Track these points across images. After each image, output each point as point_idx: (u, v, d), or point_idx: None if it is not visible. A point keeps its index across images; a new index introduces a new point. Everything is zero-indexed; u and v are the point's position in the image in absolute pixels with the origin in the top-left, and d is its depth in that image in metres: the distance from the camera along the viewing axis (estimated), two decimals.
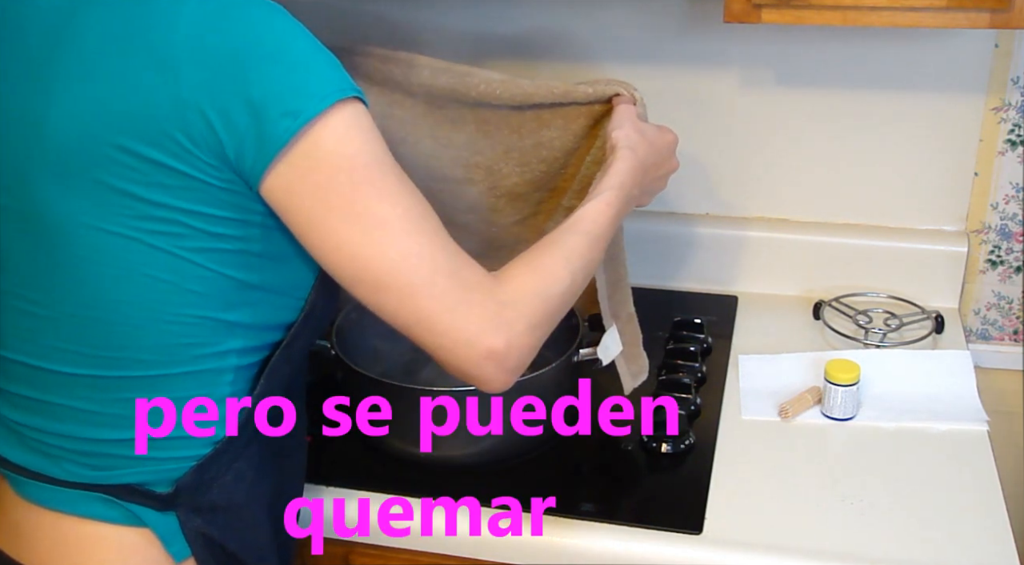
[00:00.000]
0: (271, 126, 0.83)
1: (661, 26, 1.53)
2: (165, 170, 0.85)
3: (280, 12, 0.87)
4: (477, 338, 0.89)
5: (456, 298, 0.89)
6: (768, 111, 1.55)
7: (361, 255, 0.87)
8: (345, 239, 0.87)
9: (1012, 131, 1.48)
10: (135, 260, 0.89)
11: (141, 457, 0.95)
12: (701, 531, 1.12)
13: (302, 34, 0.87)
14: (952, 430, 1.27)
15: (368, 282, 0.88)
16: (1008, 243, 1.55)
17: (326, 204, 0.86)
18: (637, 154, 1.10)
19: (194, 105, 0.83)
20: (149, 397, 0.93)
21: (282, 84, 0.84)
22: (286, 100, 0.83)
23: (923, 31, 1.45)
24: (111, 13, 0.87)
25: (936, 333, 1.48)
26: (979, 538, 1.10)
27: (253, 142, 0.84)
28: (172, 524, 0.96)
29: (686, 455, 1.25)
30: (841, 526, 1.12)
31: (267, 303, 0.96)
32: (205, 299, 0.92)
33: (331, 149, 0.85)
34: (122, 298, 0.90)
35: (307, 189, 0.85)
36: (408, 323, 0.90)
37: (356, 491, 1.19)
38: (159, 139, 0.84)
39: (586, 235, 1.01)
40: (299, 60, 0.85)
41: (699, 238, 1.62)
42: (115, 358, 0.92)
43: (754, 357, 1.43)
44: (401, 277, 0.88)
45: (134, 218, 0.87)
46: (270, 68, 0.84)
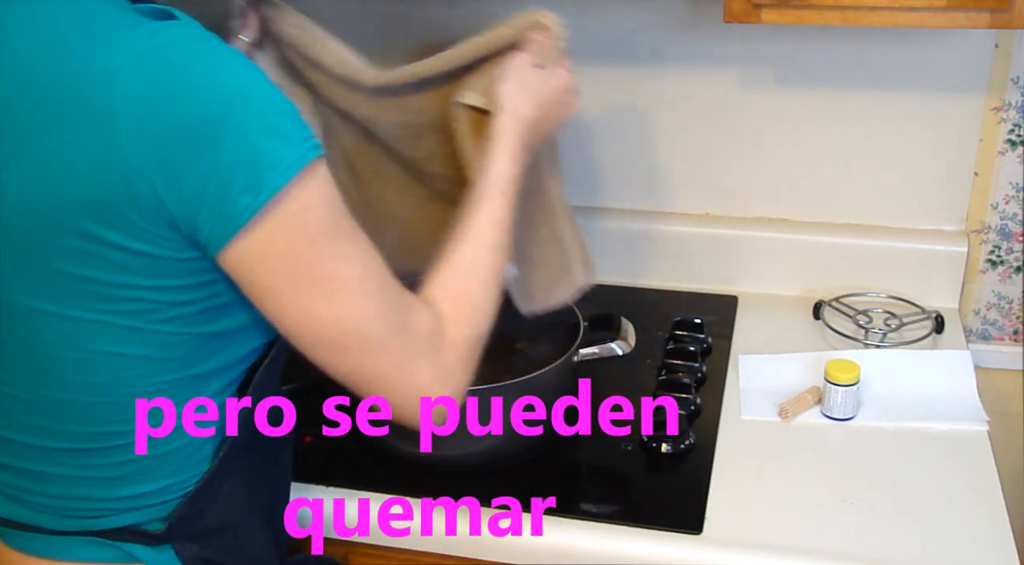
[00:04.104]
0: (230, 204, 0.80)
1: (661, 26, 1.53)
2: (123, 251, 0.82)
3: (230, 61, 0.81)
4: (429, 390, 0.92)
5: (409, 353, 0.90)
6: (768, 111, 1.55)
7: (323, 319, 0.86)
8: (307, 305, 0.85)
9: (1012, 131, 1.48)
10: (104, 342, 0.86)
11: (131, 503, 0.93)
12: (701, 531, 1.12)
13: (256, 87, 0.81)
14: (952, 430, 1.27)
15: (327, 344, 0.88)
16: (1008, 243, 1.55)
17: (288, 273, 0.84)
18: (518, 115, 1.07)
19: (140, 179, 0.79)
20: (138, 455, 0.92)
21: (239, 156, 0.79)
22: (245, 174, 0.79)
23: (923, 31, 1.45)
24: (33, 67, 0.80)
25: (936, 333, 1.48)
26: (979, 538, 1.10)
27: (210, 217, 0.80)
28: (169, 556, 0.95)
29: (686, 455, 1.25)
30: (841, 526, 1.12)
31: (239, 339, 0.94)
32: (178, 362, 0.90)
33: (294, 220, 0.82)
34: (94, 380, 0.88)
35: (269, 260, 0.83)
36: (364, 380, 0.90)
37: (356, 491, 1.19)
38: (113, 219, 0.80)
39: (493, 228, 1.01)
40: (255, 125, 0.80)
41: (699, 238, 1.62)
42: (94, 433, 0.91)
43: (754, 357, 1.43)
44: (361, 339, 0.88)
45: (99, 301, 0.85)
46: (224, 138, 0.78)
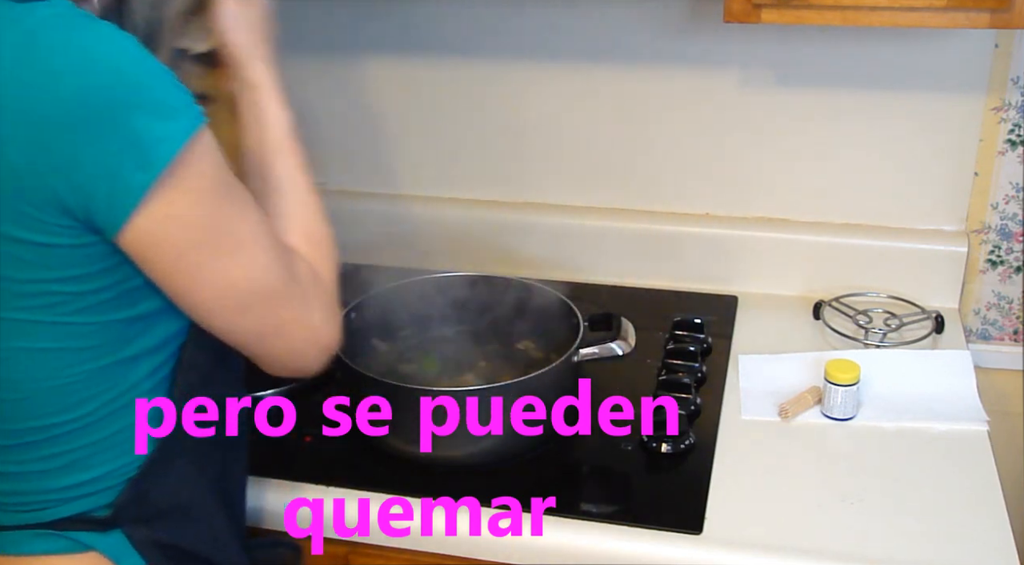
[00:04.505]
0: (123, 183, 0.79)
1: (661, 26, 1.53)
2: (24, 245, 0.81)
3: (102, 37, 0.79)
4: (322, 331, 0.94)
5: (304, 298, 0.91)
6: (768, 111, 1.55)
7: (232, 279, 0.87)
8: (216, 269, 0.85)
9: (1012, 131, 1.48)
10: (19, 339, 0.86)
11: (74, 493, 0.93)
12: (701, 531, 1.12)
13: (132, 61, 0.80)
14: (952, 430, 1.27)
15: (232, 306, 0.88)
16: (1008, 243, 1.55)
17: (194, 242, 0.84)
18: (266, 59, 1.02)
19: (27, 170, 0.78)
20: (72, 446, 0.91)
21: (124, 136, 0.78)
22: (133, 152, 0.78)
23: (923, 31, 1.45)
24: None
25: (936, 333, 1.48)
26: (979, 538, 1.10)
27: (104, 200, 0.79)
28: (121, 541, 0.94)
29: (686, 455, 1.24)
30: (841, 526, 1.12)
31: (163, 319, 0.92)
32: (98, 350, 0.89)
33: (189, 189, 0.82)
34: (12, 377, 0.88)
35: (171, 234, 0.82)
36: (265, 335, 0.91)
37: (356, 491, 1.19)
38: (8, 214, 0.80)
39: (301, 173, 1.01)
40: (136, 101, 0.79)
41: (699, 238, 1.62)
42: (23, 429, 0.90)
43: (754, 357, 1.43)
44: (265, 292, 0.89)
45: (8, 299, 0.84)
46: (105, 120, 0.77)
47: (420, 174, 1.73)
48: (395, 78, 1.67)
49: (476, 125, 1.67)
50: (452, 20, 1.60)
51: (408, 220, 1.73)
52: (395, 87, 1.67)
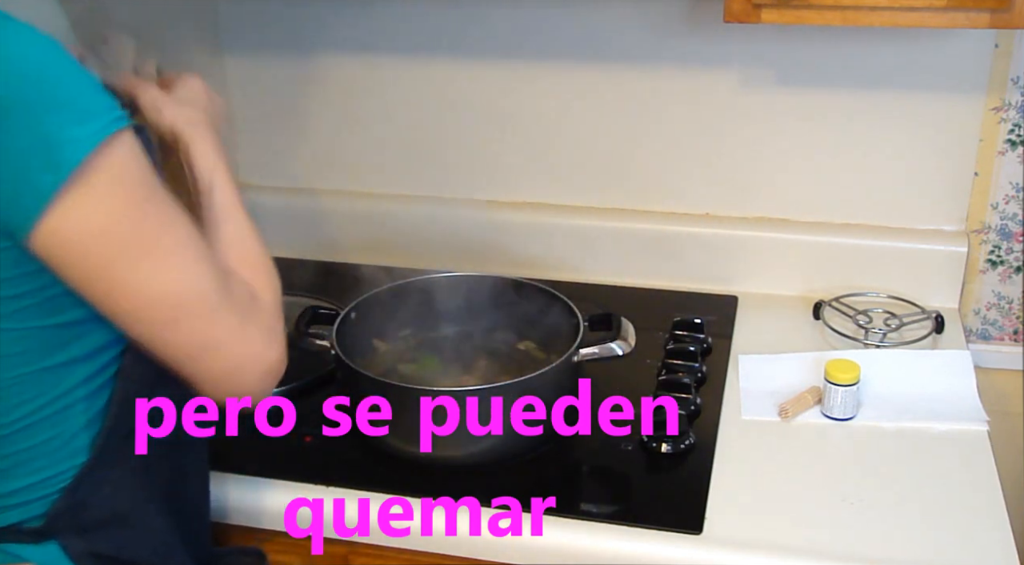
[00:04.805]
0: (30, 184, 0.77)
1: (661, 26, 1.53)
2: None
3: (20, 38, 0.77)
4: (264, 354, 0.90)
5: (240, 317, 0.88)
6: (768, 111, 1.55)
7: (159, 289, 0.84)
8: (134, 282, 0.83)
9: (1012, 131, 1.48)
10: None
11: (5, 502, 0.91)
12: (701, 531, 1.12)
13: (48, 63, 0.78)
14: (952, 430, 1.27)
15: (158, 320, 0.85)
16: (1008, 243, 1.55)
17: (114, 247, 0.81)
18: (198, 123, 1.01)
19: None
20: (2, 453, 0.89)
21: (31, 137, 0.76)
22: (41, 153, 0.76)
23: (923, 31, 1.45)
24: None
25: (936, 333, 1.48)
26: (979, 538, 1.10)
27: (12, 201, 0.77)
28: (56, 553, 0.92)
29: (686, 455, 1.24)
30: (841, 526, 1.12)
31: (97, 327, 0.90)
32: (28, 356, 0.87)
33: (105, 192, 0.79)
34: None
35: (87, 237, 0.80)
36: (195, 353, 0.88)
37: (356, 491, 1.18)
38: None
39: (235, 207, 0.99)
40: (48, 103, 0.77)
41: (699, 238, 1.62)
42: None
43: (754, 357, 1.43)
44: (197, 306, 0.86)
45: None
46: (11, 120, 0.75)
47: (421, 174, 1.73)
48: (399, 78, 1.67)
49: (477, 125, 1.67)
50: (451, 20, 1.60)
51: (408, 220, 1.73)
52: (397, 88, 1.67)
